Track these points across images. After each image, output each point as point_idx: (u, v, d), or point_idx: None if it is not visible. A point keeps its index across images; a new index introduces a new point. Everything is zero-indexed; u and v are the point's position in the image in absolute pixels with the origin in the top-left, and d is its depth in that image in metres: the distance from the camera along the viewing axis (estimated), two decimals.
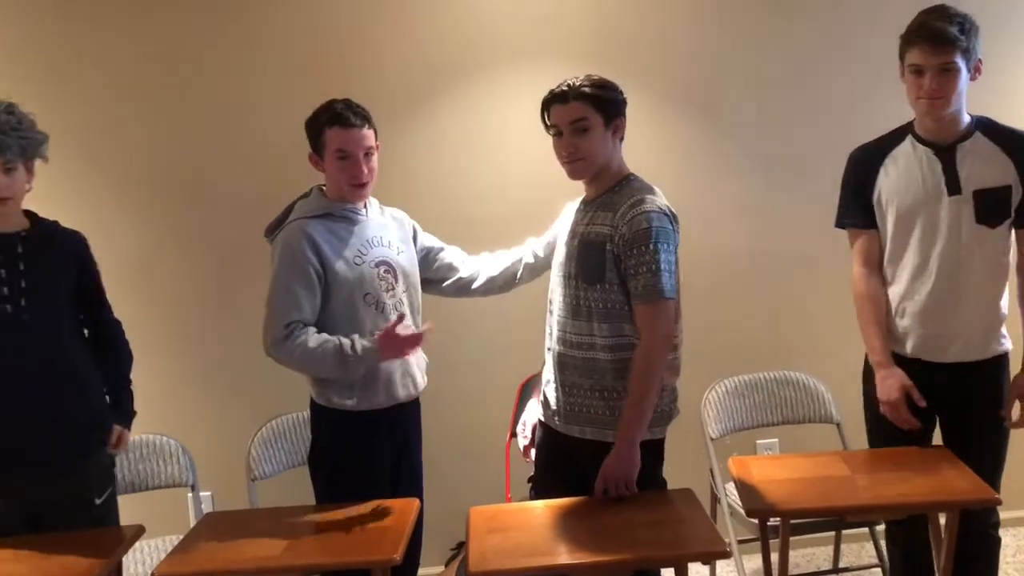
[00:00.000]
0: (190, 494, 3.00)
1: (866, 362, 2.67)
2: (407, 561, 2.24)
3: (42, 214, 2.42)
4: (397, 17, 3.35)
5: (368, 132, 2.49)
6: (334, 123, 2.46)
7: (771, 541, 2.47)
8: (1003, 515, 2.59)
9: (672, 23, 3.42)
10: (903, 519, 2.56)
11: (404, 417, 2.62)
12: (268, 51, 3.33)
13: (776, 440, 3.53)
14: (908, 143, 2.51)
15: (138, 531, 2.31)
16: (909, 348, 2.55)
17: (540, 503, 2.35)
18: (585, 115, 2.29)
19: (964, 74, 2.35)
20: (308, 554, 2.15)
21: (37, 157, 2.34)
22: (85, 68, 3.27)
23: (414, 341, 2.47)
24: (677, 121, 3.47)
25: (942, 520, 2.39)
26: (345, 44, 3.35)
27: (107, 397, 2.47)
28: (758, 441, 3.52)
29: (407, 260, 2.61)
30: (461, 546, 3.28)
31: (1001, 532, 2.59)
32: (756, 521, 2.51)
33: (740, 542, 2.98)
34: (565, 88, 2.31)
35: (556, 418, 2.43)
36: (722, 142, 3.49)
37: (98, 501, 2.39)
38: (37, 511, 2.33)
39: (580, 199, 2.47)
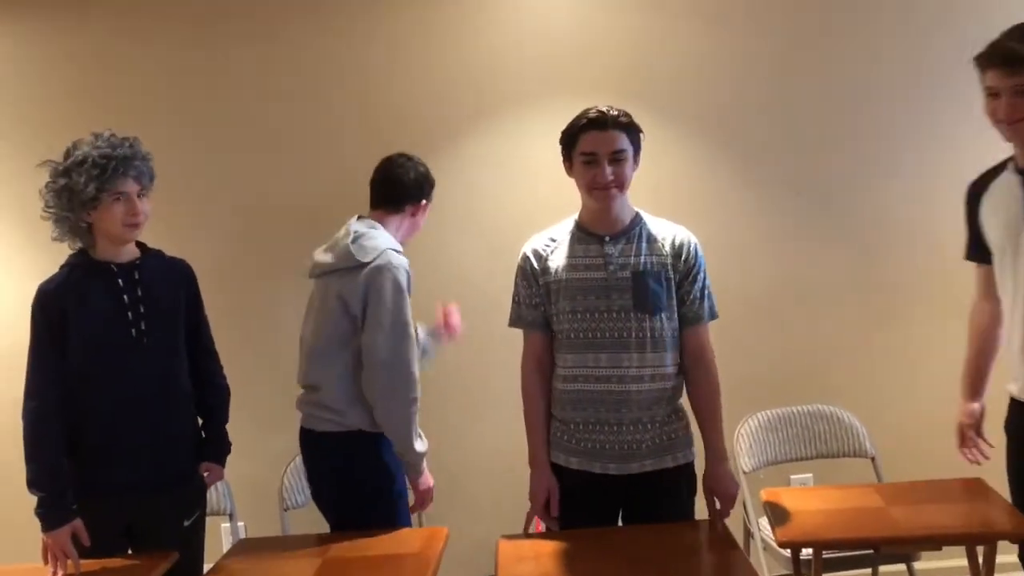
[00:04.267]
0: (225, 524, 3.03)
1: (1008, 411, 2.41)
2: None
3: None
4: (422, 58, 3.45)
5: None
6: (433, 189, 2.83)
7: None
8: None
9: (698, 55, 3.47)
10: None
11: None
12: (303, 97, 3.45)
13: (810, 475, 3.48)
14: (1007, 173, 2.33)
15: (171, 557, 2.33)
16: (1016, 389, 2.35)
17: (570, 532, 2.33)
18: (624, 146, 2.32)
19: None
20: None
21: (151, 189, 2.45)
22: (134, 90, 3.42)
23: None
24: (705, 153, 3.49)
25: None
26: (375, 88, 3.46)
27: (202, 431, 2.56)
28: (792, 476, 3.48)
29: None
30: None
31: None
32: (789, 555, 2.48)
33: None
34: (602, 115, 2.31)
35: (603, 461, 2.35)
36: (751, 174, 3.50)
37: (186, 523, 2.45)
38: (134, 527, 2.41)
39: (565, 235, 2.42)
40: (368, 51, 3.45)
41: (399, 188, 2.75)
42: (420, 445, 2.59)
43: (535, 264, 2.43)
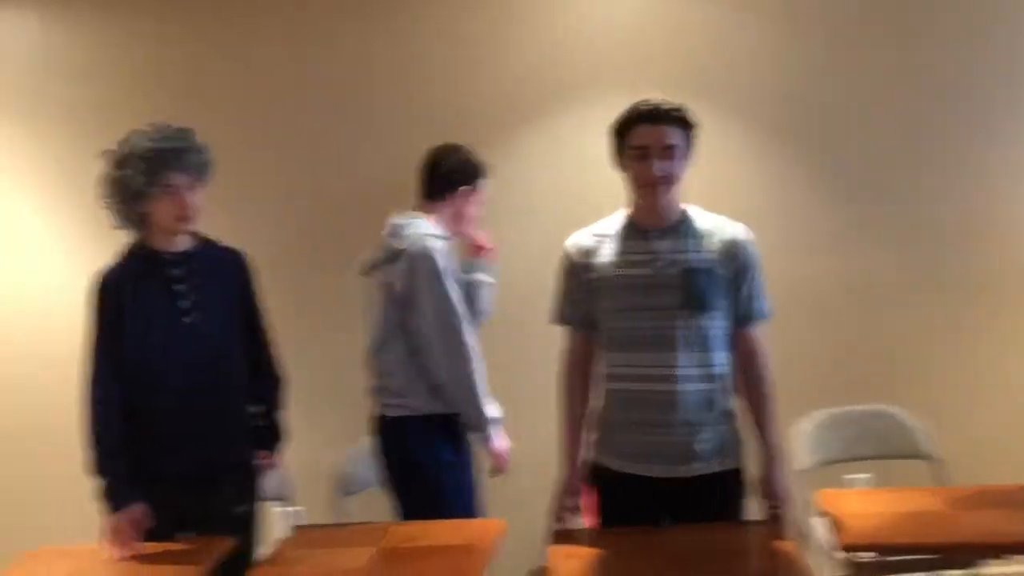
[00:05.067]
0: (282, 510, 3.06)
1: None
2: None
3: None
4: (481, 54, 3.46)
5: None
6: (485, 175, 2.84)
7: None
8: None
9: (760, 48, 3.42)
10: None
11: None
12: (369, 88, 3.50)
13: (869, 475, 3.41)
14: None
15: (227, 543, 2.36)
16: None
17: (622, 531, 2.29)
18: (677, 141, 2.25)
19: None
20: (390, 569, 2.18)
21: (206, 180, 2.45)
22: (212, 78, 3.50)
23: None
24: (764, 148, 3.44)
25: None
26: (434, 81, 3.48)
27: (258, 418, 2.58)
28: (850, 476, 3.41)
29: None
30: (541, 571, 3.26)
31: None
32: (847, 557, 2.42)
33: None
34: (654, 108, 2.24)
35: (650, 464, 2.28)
36: (813, 169, 3.44)
37: (242, 510, 2.49)
38: (186, 517, 2.43)
39: (611, 231, 2.34)
40: (426, 46, 3.46)
41: (436, 177, 2.79)
42: (491, 411, 2.69)
43: (578, 260, 2.36)
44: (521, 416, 3.00)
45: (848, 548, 2.24)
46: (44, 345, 3.55)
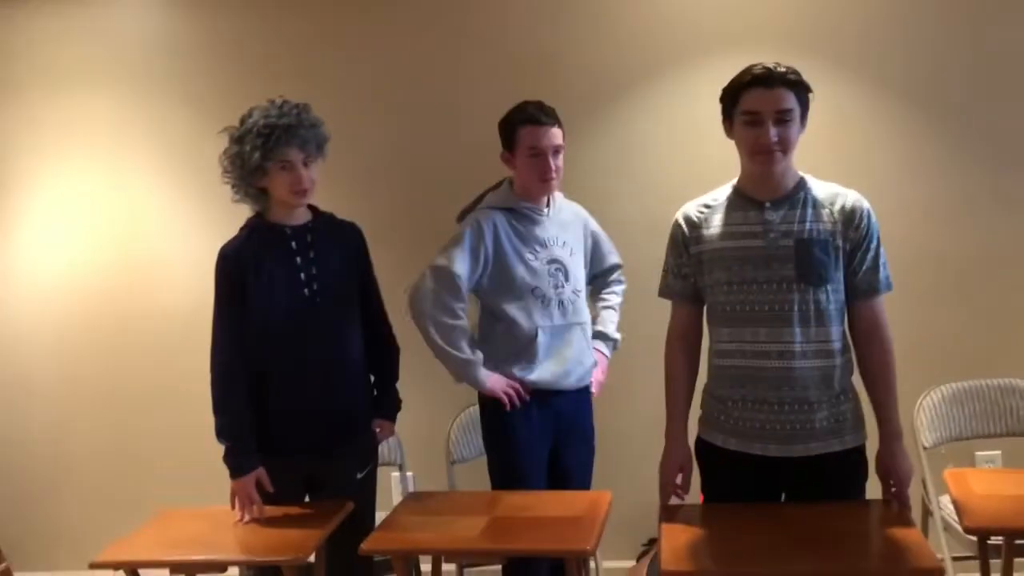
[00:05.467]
0: (395, 473, 3.14)
1: None
2: None
3: None
4: (588, 16, 3.40)
5: (557, 131, 2.63)
6: (527, 122, 2.61)
7: (991, 561, 2.30)
8: None
9: (880, 5, 3.24)
10: None
11: (567, 405, 2.70)
12: (471, 55, 3.49)
13: (999, 452, 3.28)
14: None
15: (346, 507, 2.45)
16: None
17: (737, 506, 2.26)
18: (791, 105, 2.16)
19: None
20: (504, 538, 2.21)
21: (322, 155, 2.51)
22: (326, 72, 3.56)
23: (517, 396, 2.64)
24: (894, 112, 3.28)
25: None
26: (540, 44, 3.44)
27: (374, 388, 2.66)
28: (977, 453, 3.28)
29: (578, 260, 2.75)
30: (652, 542, 3.26)
31: None
32: (974, 538, 2.33)
33: (955, 559, 2.79)
34: (767, 71, 2.15)
35: (763, 442, 2.22)
36: (946, 133, 3.27)
37: (359, 476, 2.57)
38: (312, 481, 2.55)
39: (721, 201, 2.27)
40: (530, 11, 3.43)
41: None
42: (460, 354, 2.61)
43: (687, 232, 2.29)
44: (631, 388, 2.99)
45: (972, 531, 2.15)
46: (170, 319, 3.72)
